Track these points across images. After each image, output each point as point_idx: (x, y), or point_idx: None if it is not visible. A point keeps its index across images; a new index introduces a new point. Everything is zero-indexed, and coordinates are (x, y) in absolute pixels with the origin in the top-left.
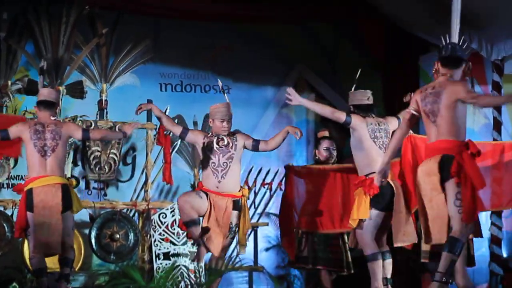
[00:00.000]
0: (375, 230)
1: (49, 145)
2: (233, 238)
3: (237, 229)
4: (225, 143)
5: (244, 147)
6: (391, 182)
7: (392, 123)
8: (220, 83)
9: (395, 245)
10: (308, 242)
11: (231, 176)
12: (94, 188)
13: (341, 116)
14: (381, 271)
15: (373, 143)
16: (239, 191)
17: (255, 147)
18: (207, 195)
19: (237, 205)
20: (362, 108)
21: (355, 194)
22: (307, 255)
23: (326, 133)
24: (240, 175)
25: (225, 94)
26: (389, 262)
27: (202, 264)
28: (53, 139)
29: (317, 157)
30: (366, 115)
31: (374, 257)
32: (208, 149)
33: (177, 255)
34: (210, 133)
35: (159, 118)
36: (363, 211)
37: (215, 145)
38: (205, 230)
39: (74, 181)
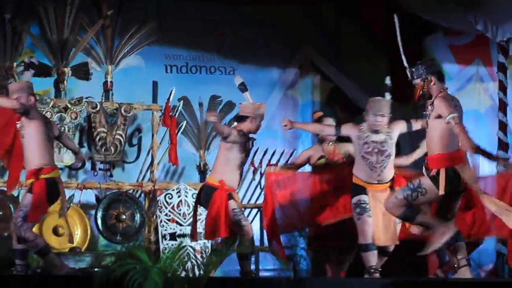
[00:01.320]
0: None
1: (51, 136)
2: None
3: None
4: (251, 145)
5: None
6: None
7: None
8: (239, 81)
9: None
10: None
11: None
12: (100, 169)
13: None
14: None
15: None
16: None
17: None
18: (231, 195)
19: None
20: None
21: None
22: (330, 231)
23: (321, 113)
24: None
25: (248, 92)
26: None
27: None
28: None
29: (320, 136)
30: None
31: None
32: (244, 149)
33: (183, 235)
34: (242, 132)
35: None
36: None
37: (249, 146)
38: None
39: None
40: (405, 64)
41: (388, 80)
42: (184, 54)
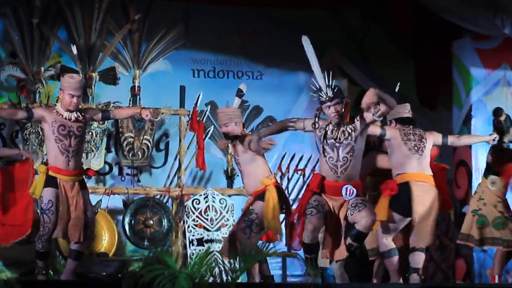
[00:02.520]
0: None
1: None
2: None
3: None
4: None
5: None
6: (410, 184)
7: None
8: (243, 88)
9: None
10: None
11: None
12: (127, 174)
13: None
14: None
15: (404, 145)
16: None
17: None
18: None
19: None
20: (403, 121)
21: None
22: None
23: None
24: None
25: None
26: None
27: None
28: None
29: None
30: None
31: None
32: None
33: (211, 241)
34: None
35: None
36: (381, 213)
37: None
38: None
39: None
40: (321, 84)
41: (397, 88)
42: (211, 58)
